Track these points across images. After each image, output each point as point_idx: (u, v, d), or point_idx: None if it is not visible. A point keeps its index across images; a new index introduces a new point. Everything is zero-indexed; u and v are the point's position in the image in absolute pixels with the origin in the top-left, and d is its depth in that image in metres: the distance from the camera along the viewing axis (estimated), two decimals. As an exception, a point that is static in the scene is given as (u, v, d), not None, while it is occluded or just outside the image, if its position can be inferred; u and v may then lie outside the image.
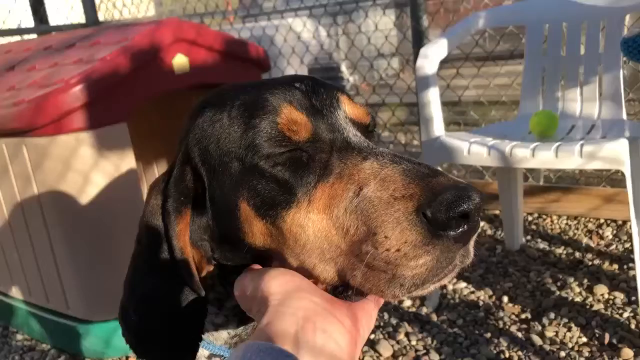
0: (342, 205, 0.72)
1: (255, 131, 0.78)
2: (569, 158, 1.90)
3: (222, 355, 0.94)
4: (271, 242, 0.80)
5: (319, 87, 0.84)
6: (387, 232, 0.68)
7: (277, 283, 0.73)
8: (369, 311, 0.77)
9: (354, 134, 0.80)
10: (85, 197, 2.04)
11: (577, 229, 2.87)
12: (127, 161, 2.10)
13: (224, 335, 0.94)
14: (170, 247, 0.83)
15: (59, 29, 4.17)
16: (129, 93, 2.10)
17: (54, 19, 4.63)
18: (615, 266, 2.47)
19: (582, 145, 1.88)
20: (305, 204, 0.75)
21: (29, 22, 4.36)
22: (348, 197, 0.72)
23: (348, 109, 0.84)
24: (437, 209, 0.65)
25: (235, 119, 0.81)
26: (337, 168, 0.75)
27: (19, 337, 2.55)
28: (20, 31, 4.20)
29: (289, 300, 0.70)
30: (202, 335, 0.88)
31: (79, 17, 4.46)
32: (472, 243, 0.72)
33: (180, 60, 2.24)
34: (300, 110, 0.80)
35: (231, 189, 0.81)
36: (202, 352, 0.93)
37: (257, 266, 0.83)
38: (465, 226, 0.67)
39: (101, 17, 4.82)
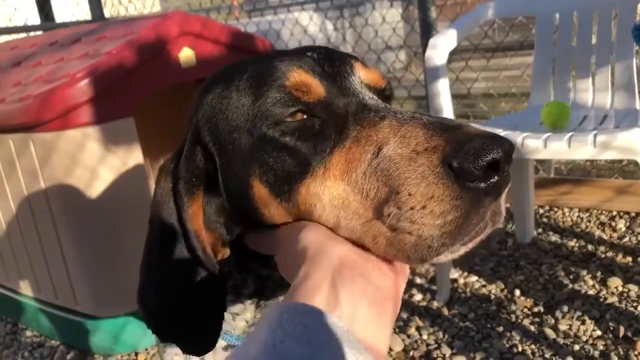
0: (360, 168, 0.68)
1: (263, 98, 0.74)
2: (582, 148, 1.87)
3: None
4: (290, 219, 0.76)
5: (332, 54, 0.81)
6: (411, 188, 0.63)
7: (313, 234, 0.70)
8: (403, 266, 0.73)
9: (370, 97, 0.75)
10: (93, 192, 2.02)
11: (590, 221, 2.83)
12: (134, 156, 2.09)
13: (241, 324, 0.92)
14: (184, 231, 0.80)
15: (64, 25, 4.17)
16: (136, 87, 2.08)
17: (59, 16, 4.63)
18: (629, 258, 2.43)
19: (595, 136, 1.85)
20: (321, 172, 0.71)
21: (35, 19, 4.37)
22: (367, 160, 0.67)
23: (363, 74, 0.80)
24: (464, 158, 0.60)
25: (243, 91, 0.78)
26: (354, 131, 0.71)
27: (29, 333, 2.55)
28: (26, 28, 4.20)
29: (325, 248, 0.67)
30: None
31: (85, 14, 4.45)
32: (504, 197, 0.67)
33: (186, 54, 2.22)
34: (311, 73, 0.76)
35: (243, 166, 0.77)
36: (219, 343, 0.92)
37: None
38: (496, 177, 0.62)
39: (107, 13, 4.81)
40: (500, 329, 2.09)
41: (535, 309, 2.18)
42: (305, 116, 0.74)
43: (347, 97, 0.75)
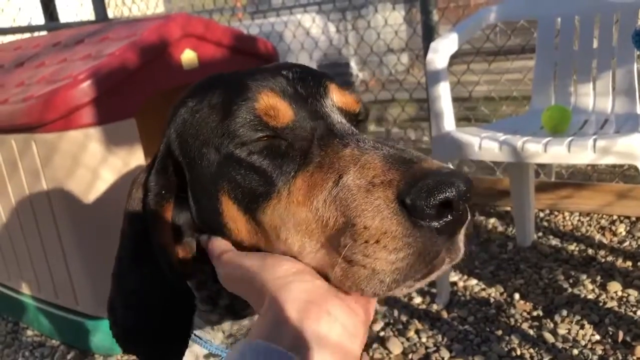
0: (321, 196, 0.67)
1: (232, 118, 0.75)
2: (581, 153, 1.87)
3: (220, 355, 0.92)
4: (257, 240, 0.76)
5: (307, 74, 0.81)
6: (367, 221, 0.62)
7: (278, 268, 0.69)
8: (370, 298, 0.72)
9: (338, 121, 0.75)
10: (94, 192, 2.03)
11: (590, 225, 2.83)
12: (135, 157, 2.10)
13: (219, 335, 0.92)
14: (152, 242, 0.81)
15: (68, 26, 4.18)
16: (138, 88, 2.09)
17: (63, 16, 4.64)
18: (629, 263, 2.43)
19: (595, 140, 1.85)
20: (286, 194, 0.71)
21: (39, 19, 4.38)
22: (327, 187, 0.67)
23: (336, 97, 0.80)
24: (416, 196, 0.59)
25: (214, 108, 0.78)
26: (318, 157, 0.70)
27: (29, 333, 2.56)
28: (30, 28, 4.21)
29: (290, 284, 0.66)
30: (199, 334, 0.87)
31: (89, 14, 4.46)
32: (460, 237, 0.66)
33: (188, 56, 2.23)
34: (281, 96, 0.76)
35: (211, 182, 0.78)
36: (201, 351, 0.92)
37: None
38: (449, 216, 0.61)
39: (110, 14, 4.82)
40: (500, 332, 2.09)
41: (535, 313, 2.19)
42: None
43: (315, 121, 0.75)
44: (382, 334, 2.19)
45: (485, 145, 2.04)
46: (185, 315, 0.84)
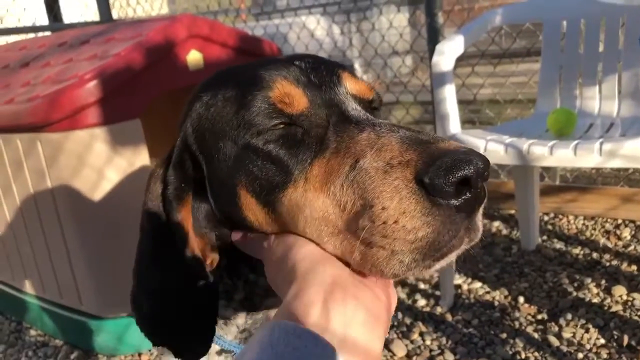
0: (338, 181, 0.67)
1: (246, 108, 0.75)
2: (588, 156, 1.87)
3: (232, 351, 0.92)
4: (279, 229, 0.76)
5: (320, 64, 0.81)
6: (385, 202, 0.62)
7: (305, 251, 0.70)
8: (388, 282, 0.72)
9: (353, 108, 0.75)
10: (99, 192, 2.03)
11: (594, 229, 2.83)
12: (140, 157, 2.10)
13: (233, 329, 0.92)
14: (173, 236, 0.81)
15: (72, 26, 4.19)
16: (143, 89, 2.09)
17: (68, 17, 4.65)
18: (634, 267, 2.43)
19: (601, 144, 1.85)
20: (302, 182, 0.71)
21: (43, 19, 4.39)
22: (344, 172, 0.67)
23: (349, 85, 0.80)
24: (435, 174, 0.60)
25: (228, 100, 0.78)
26: (334, 142, 0.71)
27: (33, 332, 2.56)
28: (34, 29, 4.22)
29: (317, 267, 0.67)
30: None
31: (93, 15, 4.47)
32: (479, 216, 0.66)
33: (194, 57, 2.23)
34: (295, 84, 0.76)
35: (228, 175, 0.78)
36: (213, 347, 0.92)
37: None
38: (468, 193, 0.61)
39: (115, 14, 4.83)
40: (504, 335, 2.09)
41: (539, 317, 2.18)
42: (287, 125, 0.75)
43: (330, 108, 0.75)
44: (385, 336, 2.18)
45: (490, 147, 2.04)
46: (210, 303, 0.84)
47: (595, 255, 2.57)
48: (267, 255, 0.76)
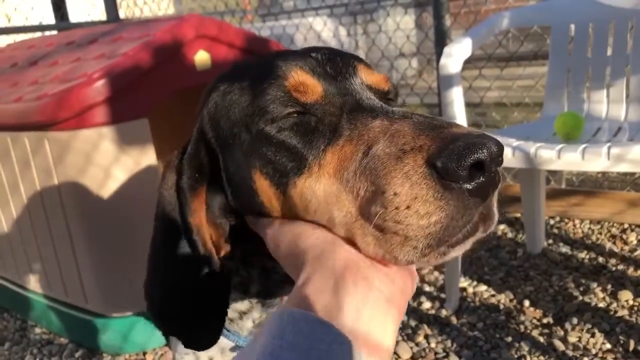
0: (351, 167, 0.67)
1: (262, 96, 0.75)
2: (595, 160, 1.86)
3: None
4: (289, 214, 0.76)
5: (336, 55, 0.82)
6: (397, 188, 0.62)
7: (315, 236, 0.70)
8: (411, 270, 0.71)
9: (367, 97, 0.76)
10: (106, 191, 2.04)
11: (600, 233, 2.82)
12: (147, 157, 2.10)
13: (248, 324, 0.92)
14: (185, 226, 0.81)
15: (79, 26, 4.20)
16: (151, 88, 2.10)
17: (75, 16, 4.66)
18: (640, 272, 2.42)
19: (609, 148, 1.84)
20: (316, 168, 0.71)
21: (50, 19, 4.40)
22: (357, 159, 0.67)
23: (365, 76, 0.80)
24: (447, 158, 0.59)
25: (245, 89, 0.79)
26: (347, 130, 0.71)
27: (38, 330, 2.56)
28: (41, 28, 4.23)
29: (327, 252, 0.66)
30: (227, 325, 0.87)
31: (100, 14, 4.48)
32: (493, 201, 0.65)
33: (202, 57, 2.24)
34: (311, 74, 0.77)
35: (244, 161, 0.78)
36: (227, 344, 0.92)
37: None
38: (482, 177, 0.61)
39: (122, 14, 4.84)
40: (509, 339, 2.08)
41: (545, 320, 2.17)
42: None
43: (344, 97, 0.75)
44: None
45: (497, 150, 2.03)
46: (221, 294, 0.84)
47: (601, 259, 2.57)
48: (280, 238, 0.76)
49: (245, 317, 0.92)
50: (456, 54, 2.25)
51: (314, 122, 0.74)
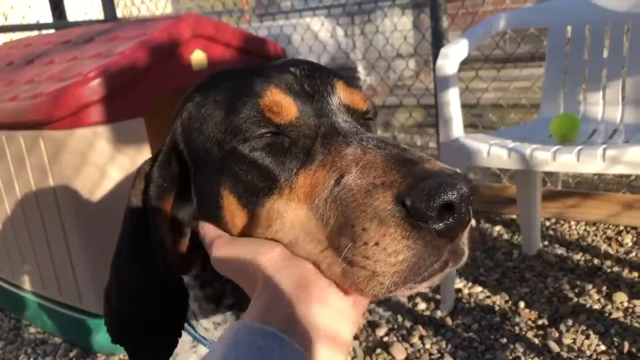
0: (323, 194, 0.67)
1: (235, 114, 0.74)
2: (591, 162, 1.86)
3: None
4: (249, 230, 0.76)
5: (315, 71, 0.80)
6: (365, 223, 0.62)
7: (275, 252, 0.70)
8: None
9: (343, 120, 0.75)
10: (101, 191, 2.03)
11: (596, 235, 2.82)
12: (143, 156, 2.09)
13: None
14: (150, 234, 0.81)
15: (77, 24, 4.19)
16: (147, 88, 2.09)
17: (72, 15, 4.65)
18: (635, 274, 2.42)
19: (604, 149, 1.84)
20: (287, 191, 0.71)
21: (48, 17, 4.39)
22: (329, 186, 0.66)
23: (343, 95, 0.79)
24: (417, 197, 0.59)
25: (219, 103, 0.78)
26: (321, 154, 0.70)
27: (32, 330, 2.55)
28: (38, 26, 4.22)
29: (282, 269, 0.67)
30: (204, 334, 0.86)
31: (98, 13, 4.47)
32: (463, 240, 0.65)
33: (198, 56, 2.23)
34: (286, 93, 0.75)
35: (214, 176, 0.78)
36: (201, 350, 0.92)
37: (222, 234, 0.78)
38: (450, 219, 0.60)
39: (119, 13, 4.83)
40: (504, 340, 2.08)
41: (540, 322, 2.17)
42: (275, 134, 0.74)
43: (319, 119, 0.75)
44: (385, 339, 2.18)
45: (494, 152, 2.03)
46: (178, 310, 0.84)
47: (596, 261, 2.57)
48: (222, 255, 0.75)
49: (220, 328, 0.92)
50: (453, 55, 2.25)
51: (288, 143, 0.73)
